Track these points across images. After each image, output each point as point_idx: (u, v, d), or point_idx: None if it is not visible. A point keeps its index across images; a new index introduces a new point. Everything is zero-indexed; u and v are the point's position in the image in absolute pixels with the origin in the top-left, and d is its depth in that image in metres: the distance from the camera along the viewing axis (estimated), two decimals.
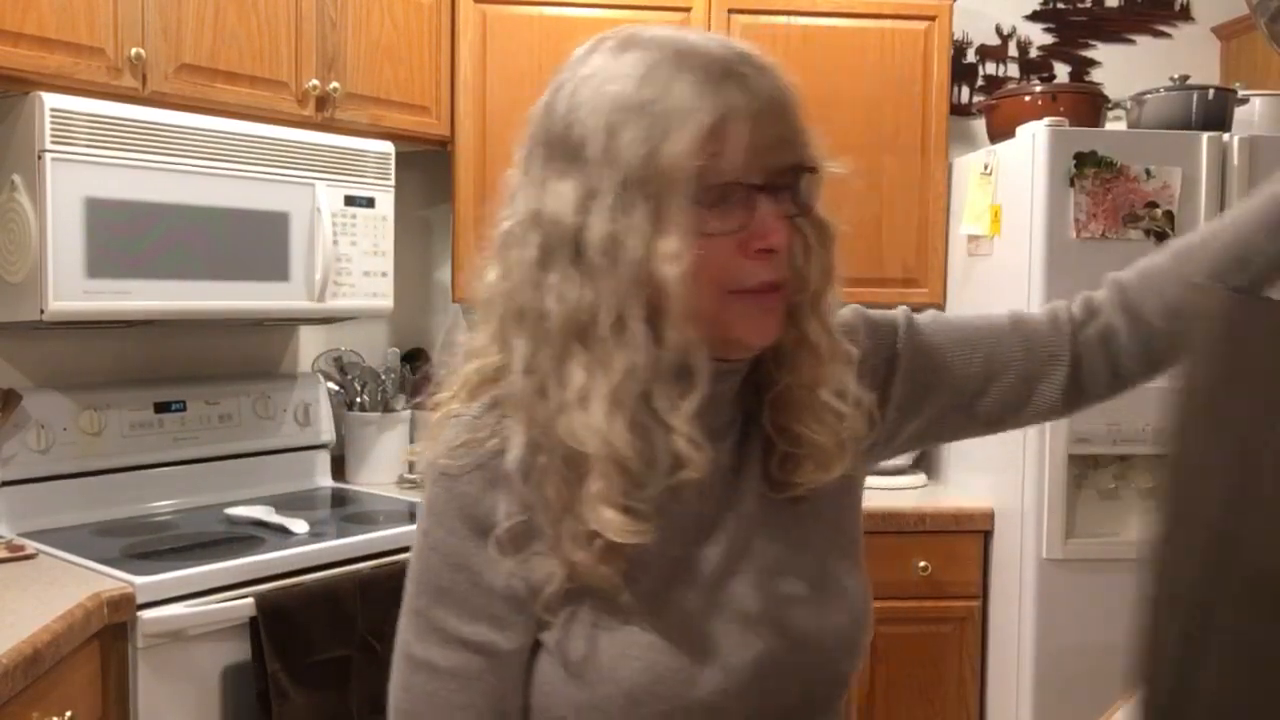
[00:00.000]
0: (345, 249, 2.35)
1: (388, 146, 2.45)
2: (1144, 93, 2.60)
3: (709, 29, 2.75)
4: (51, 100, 1.87)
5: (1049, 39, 3.24)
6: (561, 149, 0.80)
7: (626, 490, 0.78)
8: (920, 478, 2.86)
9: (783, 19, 2.78)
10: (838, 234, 0.85)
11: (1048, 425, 2.40)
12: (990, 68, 3.23)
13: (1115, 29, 3.26)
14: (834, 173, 0.86)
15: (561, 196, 0.79)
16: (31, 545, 1.96)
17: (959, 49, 3.17)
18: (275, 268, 2.22)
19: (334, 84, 2.33)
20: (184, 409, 2.36)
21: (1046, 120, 2.43)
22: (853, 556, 0.93)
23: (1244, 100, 2.63)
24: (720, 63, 0.78)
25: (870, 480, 3.20)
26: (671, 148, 0.76)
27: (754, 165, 0.78)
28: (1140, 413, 2.43)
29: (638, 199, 0.77)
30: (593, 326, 0.78)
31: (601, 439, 0.77)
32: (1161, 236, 2.41)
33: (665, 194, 0.76)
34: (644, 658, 0.81)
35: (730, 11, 2.76)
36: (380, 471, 2.68)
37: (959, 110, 3.11)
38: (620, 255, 0.77)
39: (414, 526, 0.89)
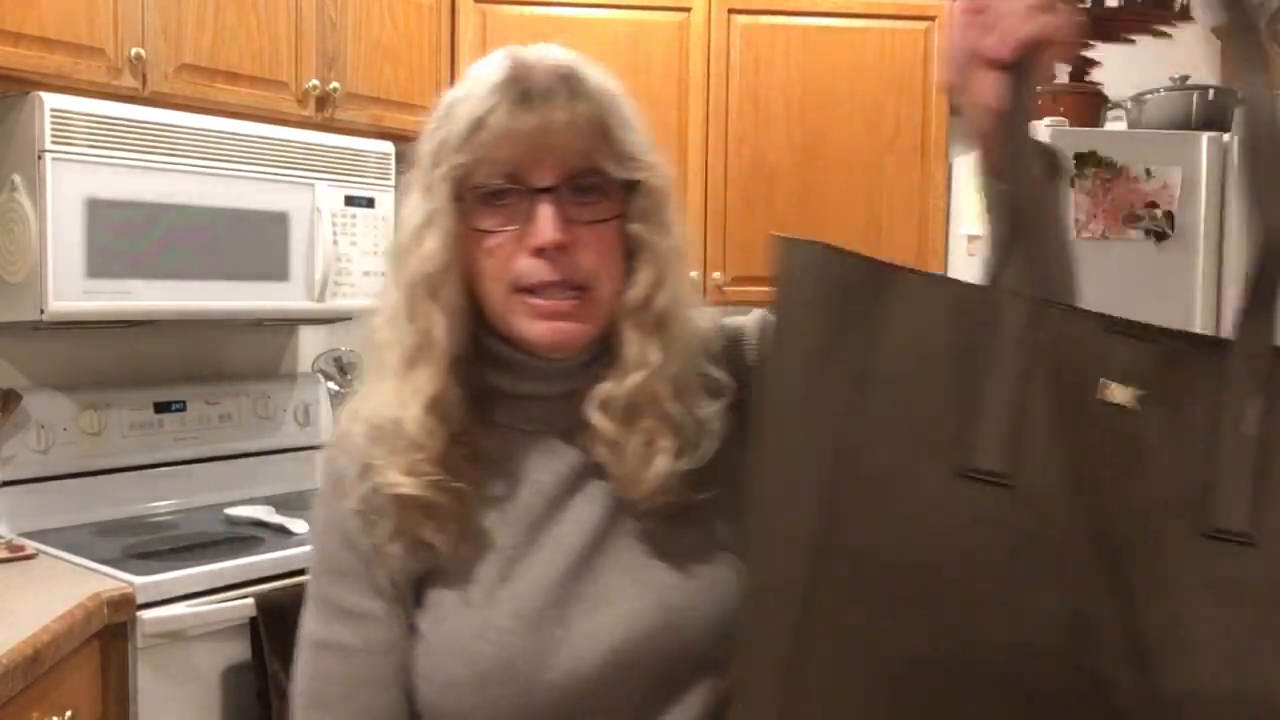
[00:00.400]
0: (345, 249, 2.35)
1: (388, 146, 2.44)
2: (1144, 93, 2.60)
3: (709, 29, 2.75)
4: (51, 100, 1.87)
5: None
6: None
7: (411, 454, 0.84)
8: None
9: (783, 19, 2.78)
10: (667, 245, 0.87)
11: None
12: None
13: (1115, 29, 3.26)
14: (835, 175, 0.86)
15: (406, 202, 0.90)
16: (31, 545, 1.96)
17: None
18: (275, 268, 2.21)
19: (334, 84, 2.33)
20: (184, 409, 2.36)
21: (1046, 120, 2.44)
22: (731, 547, 0.91)
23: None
24: (520, 75, 0.83)
25: None
26: (445, 145, 0.84)
27: (542, 168, 0.82)
28: None
29: (424, 199, 0.85)
30: (391, 312, 0.88)
31: (380, 409, 0.87)
32: (1161, 236, 2.41)
33: (437, 191, 0.84)
34: (496, 640, 0.83)
35: (730, 12, 2.76)
36: None
37: (959, 110, 3.11)
38: (401, 249, 0.87)
39: None
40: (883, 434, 0.66)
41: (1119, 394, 0.65)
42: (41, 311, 1.87)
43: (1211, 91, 2.55)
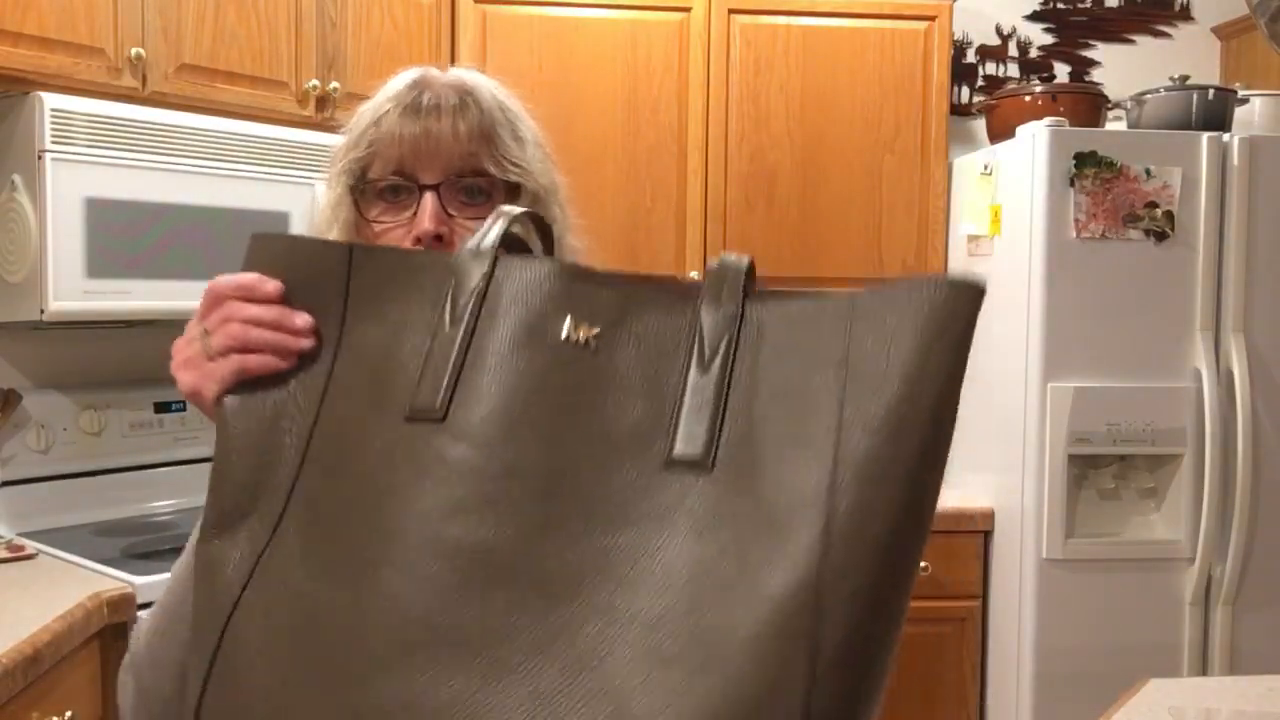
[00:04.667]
0: None
1: None
2: (1144, 93, 2.60)
3: (709, 29, 2.75)
4: (51, 100, 1.87)
5: (1049, 39, 3.24)
6: None
7: None
8: None
9: (783, 19, 2.79)
10: (535, 244, 0.94)
11: (1048, 425, 2.41)
12: (990, 68, 3.23)
13: (1115, 29, 3.26)
14: (835, 175, 0.88)
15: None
16: (31, 545, 1.96)
17: (959, 49, 3.17)
18: None
19: (334, 84, 2.33)
20: (184, 409, 2.36)
21: (1046, 120, 2.44)
22: None
23: (1244, 100, 2.63)
24: (419, 87, 0.93)
25: None
26: (346, 143, 0.95)
27: (428, 167, 0.91)
28: (1140, 413, 2.43)
29: (329, 190, 0.96)
30: None
31: None
32: (1161, 236, 2.42)
33: (337, 184, 0.94)
34: None
35: (731, 11, 2.76)
36: None
37: (959, 110, 3.11)
38: (314, 233, 0.95)
39: None
40: (351, 398, 0.69)
41: (577, 332, 0.67)
42: (41, 311, 1.87)
43: (1211, 91, 2.55)
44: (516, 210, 0.75)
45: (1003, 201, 2.58)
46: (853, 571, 0.58)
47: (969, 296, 0.65)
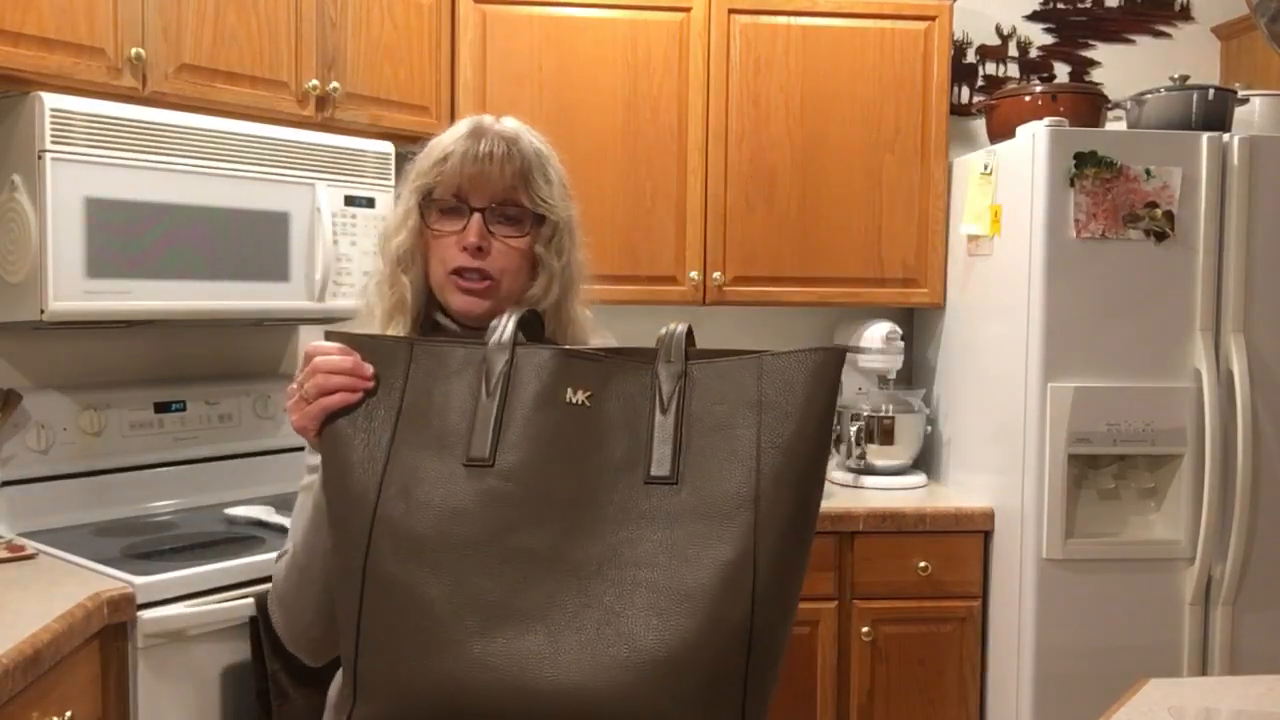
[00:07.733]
0: (345, 249, 2.35)
1: (388, 146, 2.44)
2: (1144, 93, 2.60)
3: (709, 29, 2.75)
4: (51, 100, 1.87)
5: (1049, 39, 3.24)
6: None
7: None
8: (920, 478, 2.86)
9: (783, 19, 2.79)
10: (559, 264, 1.27)
11: (1048, 425, 2.41)
12: (990, 68, 3.23)
13: (1115, 29, 3.26)
14: (835, 175, 0.99)
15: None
16: (31, 545, 1.96)
17: (959, 49, 3.17)
18: (275, 268, 2.21)
19: (334, 84, 2.33)
20: (184, 409, 2.36)
21: (1046, 120, 2.44)
22: None
23: (1244, 100, 2.63)
24: (479, 128, 1.25)
25: (870, 480, 3.18)
26: (419, 167, 1.26)
27: (479, 195, 1.23)
28: (1140, 413, 2.43)
29: (402, 202, 1.28)
30: (378, 278, 1.32)
31: None
32: (1161, 236, 2.41)
33: (409, 199, 1.26)
34: None
35: (731, 11, 2.76)
36: None
37: (959, 110, 3.11)
38: (386, 234, 1.30)
39: None
40: (415, 447, 1.00)
41: (576, 396, 1.00)
42: (41, 311, 1.87)
43: (1211, 91, 2.55)
44: (521, 311, 1.08)
45: (1003, 201, 2.58)
46: (773, 543, 0.94)
47: (835, 358, 0.98)
